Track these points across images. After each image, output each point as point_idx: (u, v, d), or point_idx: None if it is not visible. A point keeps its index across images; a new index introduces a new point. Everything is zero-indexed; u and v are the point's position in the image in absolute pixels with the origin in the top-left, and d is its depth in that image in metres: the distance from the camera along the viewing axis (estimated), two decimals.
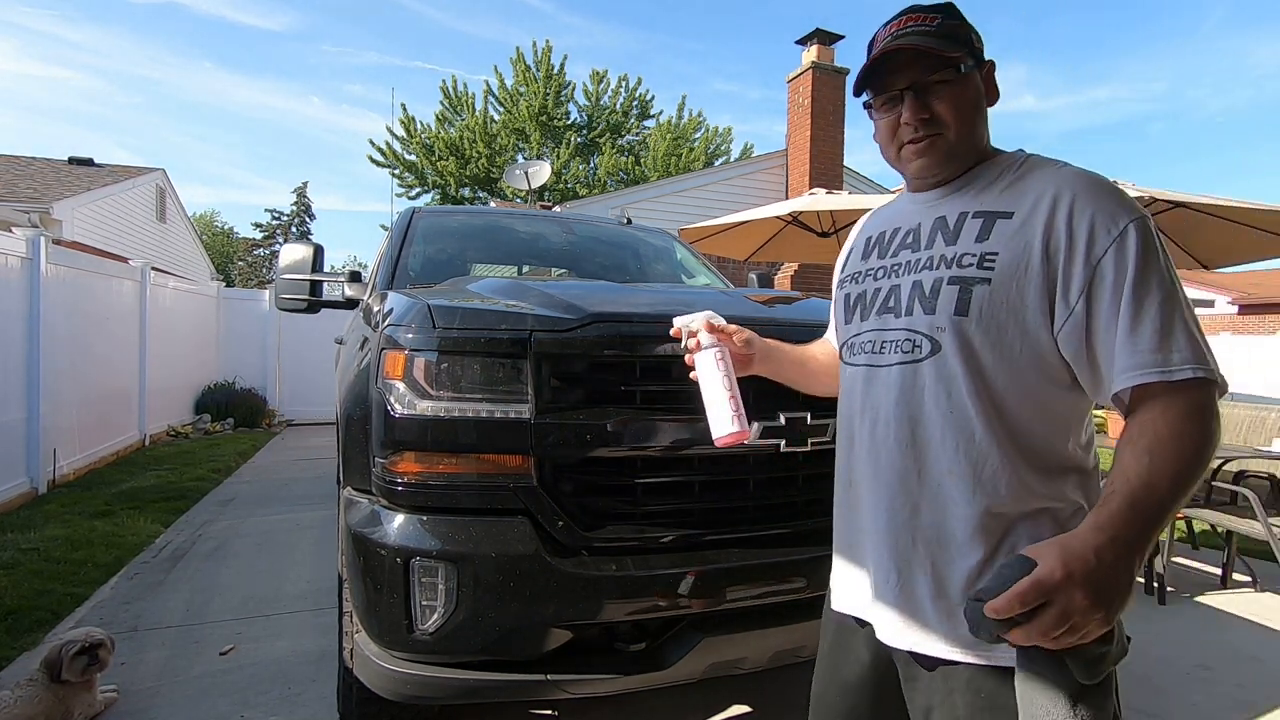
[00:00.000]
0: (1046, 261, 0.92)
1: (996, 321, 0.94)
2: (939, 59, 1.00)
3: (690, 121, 21.35)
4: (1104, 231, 0.90)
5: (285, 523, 4.81)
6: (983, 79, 1.04)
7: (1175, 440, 0.84)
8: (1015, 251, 0.94)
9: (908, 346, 1.01)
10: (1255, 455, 3.69)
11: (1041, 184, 0.96)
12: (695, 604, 1.65)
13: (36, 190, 10.73)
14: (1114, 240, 0.89)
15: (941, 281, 0.98)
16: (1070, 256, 0.91)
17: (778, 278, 9.59)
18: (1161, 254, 0.90)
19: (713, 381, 1.17)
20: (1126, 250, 0.89)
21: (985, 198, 1.01)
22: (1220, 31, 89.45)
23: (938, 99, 1.01)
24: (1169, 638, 3.08)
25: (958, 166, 1.05)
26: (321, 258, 2.98)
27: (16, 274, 5.12)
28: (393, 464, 1.62)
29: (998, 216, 0.97)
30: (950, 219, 1.02)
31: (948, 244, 1.00)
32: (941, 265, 0.99)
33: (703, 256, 3.93)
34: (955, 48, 1.00)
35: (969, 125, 1.02)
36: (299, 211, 35.35)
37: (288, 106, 73.08)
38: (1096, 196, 0.92)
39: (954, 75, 1.00)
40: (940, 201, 1.06)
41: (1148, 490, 0.82)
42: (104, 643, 2.27)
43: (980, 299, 0.94)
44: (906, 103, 1.02)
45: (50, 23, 57.61)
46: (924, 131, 1.02)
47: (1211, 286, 17.89)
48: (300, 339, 10.13)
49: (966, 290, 0.95)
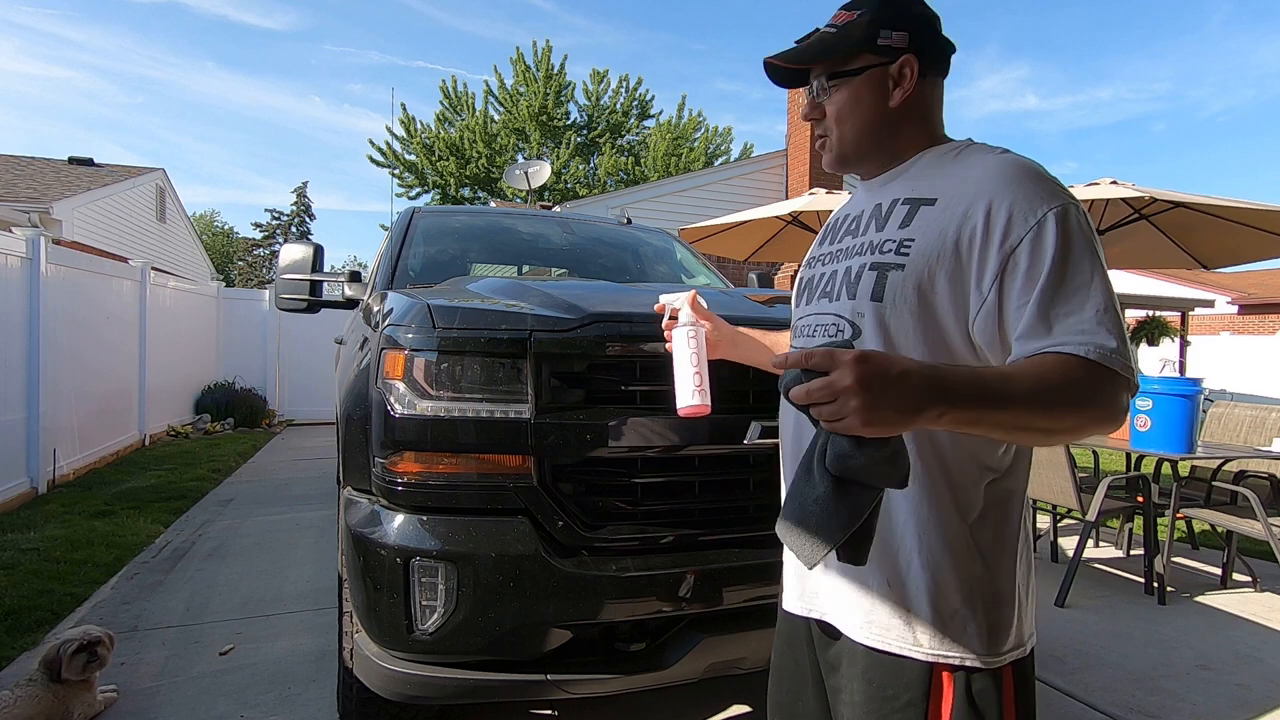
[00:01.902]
0: (959, 249, 0.91)
1: (909, 307, 0.94)
2: (832, 54, 1.03)
3: (690, 121, 21.35)
4: (1021, 220, 0.88)
5: (285, 523, 4.81)
6: (895, 73, 1.01)
7: (1058, 379, 0.82)
8: (931, 238, 0.94)
9: (833, 330, 1.03)
10: (1255, 455, 3.69)
11: (970, 171, 0.96)
12: (695, 604, 1.65)
13: (36, 190, 10.72)
14: (1030, 229, 0.88)
15: (865, 267, 0.99)
16: (985, 245, 0.90)
17: (778, 278, 9.59)
18: (1082, 244, 0.88)
19: (682, 356, 1.23)
20: (1043, 239, 0.87)
21: (917, 184, 1.01)
22: (1223, 31, 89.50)
23: (829, 103, 1.04)
24: (1169, 638, 3.08)
25: (860, 165, 1.08)
26: (321, 258, 2.98)
27: (16, 274, 5.12)
28: (393, 464, 1.62)
29: (922, 203, 0.97)
30: (884, 205, 1.03)
31: (877, 230, 1.01)
32: (868, 251, 1.00)
33: (703, 256, 3.93)
34: (847, 47, 1.01)
35: (857, 127, 1.04)
36: (299, 211, 35.35)
37: (288, 106, 73.19)
38: (1020, 184, 0.90)
39: (844, 81, 1.03)
40: (881, 188, 1.06)
41: (1001, 381, 0.81)
42: (103, 640, 2.27)
43: (895, 284, 0.94)
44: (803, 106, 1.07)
45: (51, 22, 57.74)
46: (818, 132, 1.07)
47: (1211, 286, 17.87)
48: (300, 339, 10.13)
49: (883, 275, 0.96)
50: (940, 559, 0.93)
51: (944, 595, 0.93)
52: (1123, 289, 14.40)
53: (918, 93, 1.03)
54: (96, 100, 69.25)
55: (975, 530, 0.94)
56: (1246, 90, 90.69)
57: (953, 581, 0.93)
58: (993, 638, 0.93)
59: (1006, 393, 0.80)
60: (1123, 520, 4.41)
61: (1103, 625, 3.22)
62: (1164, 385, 3.51)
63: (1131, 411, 3.62)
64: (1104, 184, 4.26)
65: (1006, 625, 0.94)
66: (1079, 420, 0.83)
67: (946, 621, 0.92)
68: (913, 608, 0.94)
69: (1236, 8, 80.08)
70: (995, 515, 0.95)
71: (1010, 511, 0.96)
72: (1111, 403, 0.84)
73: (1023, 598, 0.96)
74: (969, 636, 0.92)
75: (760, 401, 1.75)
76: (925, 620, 0.93)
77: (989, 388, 0.80)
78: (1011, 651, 0.94)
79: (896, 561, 0.95)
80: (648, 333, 1.71)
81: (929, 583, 0.93)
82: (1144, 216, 4.73)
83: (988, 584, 0.94)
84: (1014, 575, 0.95)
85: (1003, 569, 0.95)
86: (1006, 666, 0.94)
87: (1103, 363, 0.82)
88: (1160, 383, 3.53)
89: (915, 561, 0.94)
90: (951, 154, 1.01)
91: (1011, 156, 0.96)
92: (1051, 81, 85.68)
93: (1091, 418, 0.83)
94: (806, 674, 1.11)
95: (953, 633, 0.92)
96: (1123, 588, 3.75)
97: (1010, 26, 75.74)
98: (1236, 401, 4.56)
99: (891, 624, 0.95)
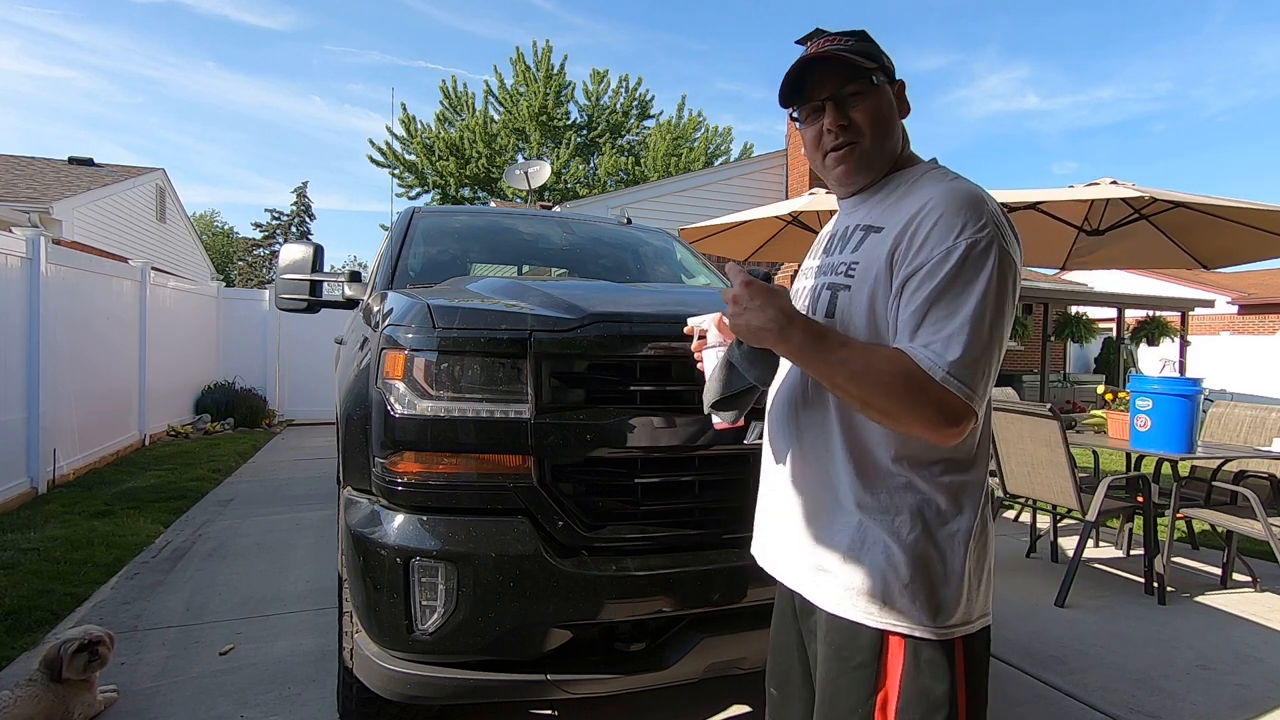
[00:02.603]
0: (891, 267, 1.02)
1: (853, 323, 1.06)
2: (854, 68, 1.09)
3: (690, 121, 21.35)
4: (936, 242, 0.98)
5: (285, 523, 4.81)
6: (895, 95, 1.14)
7: (884, 364, 0.95)
8: (869, 260, 1.06)
9: None
10: (1255, 455, 3.69)
11: (915, 200, 1.04)
12: (695, 604, 1.65)
13: (36, 190, 10.72)
14: (940, 252, 0.97)
15: (824, 287, 1.13)
16: (903, 263, 1.00)
17: (778, 278, 9.58)
18: (978, 275, 0.95)
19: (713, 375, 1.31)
20: (945, 263, 0.96)
21: (875, 212, 1.11)
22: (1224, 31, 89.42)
23: (854, 109, 1.10)
24: (1169, 638, 3.08)
25: (872, 173, 1.14)
26: (321, 258, 2.98)
27: (16, 274, 5.12)
28: (393, 464, 1.62)
29: (872, 230, 1.09)
30: (849, 229, 1.15)
31: (839, 253, 1.14)
32: (828, 273, 1.14)
33: (702, 256, 3.93)
34: (869, 62, 1.10)
35: (882, 134, 1.12)
36: (299, 211, 35.34)
37: (289, 106, 72.97)
38: (951, 212, 0.99)
39: (868, 86, 1.10)
40: (853, 211, 1.17)
41: (842, 342, 0.98)
42: (103, 639, 2.27)
43: (843, 303, 1.08)
44: (827, 111, 1.11)
45: (52, 22, 57.57)
46: (843, 138, 1.11)
47: (1211, 286, 17.87)
48: (300, 339, 10.13)
49: (835, 296, 1.09)
50: (898, 538, 1.02)
51: (896, 570, 1.01)
52: (1123, 289, 14.41)
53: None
54: (97, 100, 69.18)
55: (931, 515, 1.03)
56: (1248, 90, 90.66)
57: (905, 559, 1.01)
58: (939, 611, 1.01)
59: (843, 348, 0.97)
60: (1123, 520, 4.41)
61: (1103, 625, 3.22)
62: (1164, 385, 3.51)
63: (1132, 411, 3.63)
64: (1104, 184, 4.26)
65: (954, 602, 1.02)
66: (889, 405, 0.94)
67: (897, 594, 1.01)
68: (869, 579, 1.03)
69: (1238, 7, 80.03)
70: (951, 503, 1.04)
71: (965, 502, 1.05)
72: (927, 405, 0.93)
73: (974, 580, 1.05)
74: (917, 609, 1.01)
75: (760, 401, 1.75)
76: (878, 592, 1.02)
77: (829, 338, 0.98)
78: (959, 627, 1.03)
79: (859, 537, 1.05)
80: (648, 333, 1.71)
81: (884, 559, 1.02)
82: (1144, 216, 4.73)
83: (938, 564, 1.02)
84: (963, 558, 1.03)
85: (953, 552, 1.03)
86: (956, 640, 1.03)
87: (927, 369, 0.93)
88: (1160, 383, 3.52)
89: (873, 538, 1.03)
90: (908, 183, 1.11)
91: (956, 185, 1.04)
92: (1052, 81, 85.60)
93: (905, 411, 0.94)
94: (794, 643, 1.22)
95: (901, 605, 1.01)
96: (1123, 588, 3.75)
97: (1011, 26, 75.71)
98: (1236, 401, 4.56)
99: (849, 593, 1.05)
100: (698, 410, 1.70)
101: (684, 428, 1.69)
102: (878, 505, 1.04)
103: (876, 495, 1.04)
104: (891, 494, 1.03)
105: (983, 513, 1.07)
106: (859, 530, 1.04)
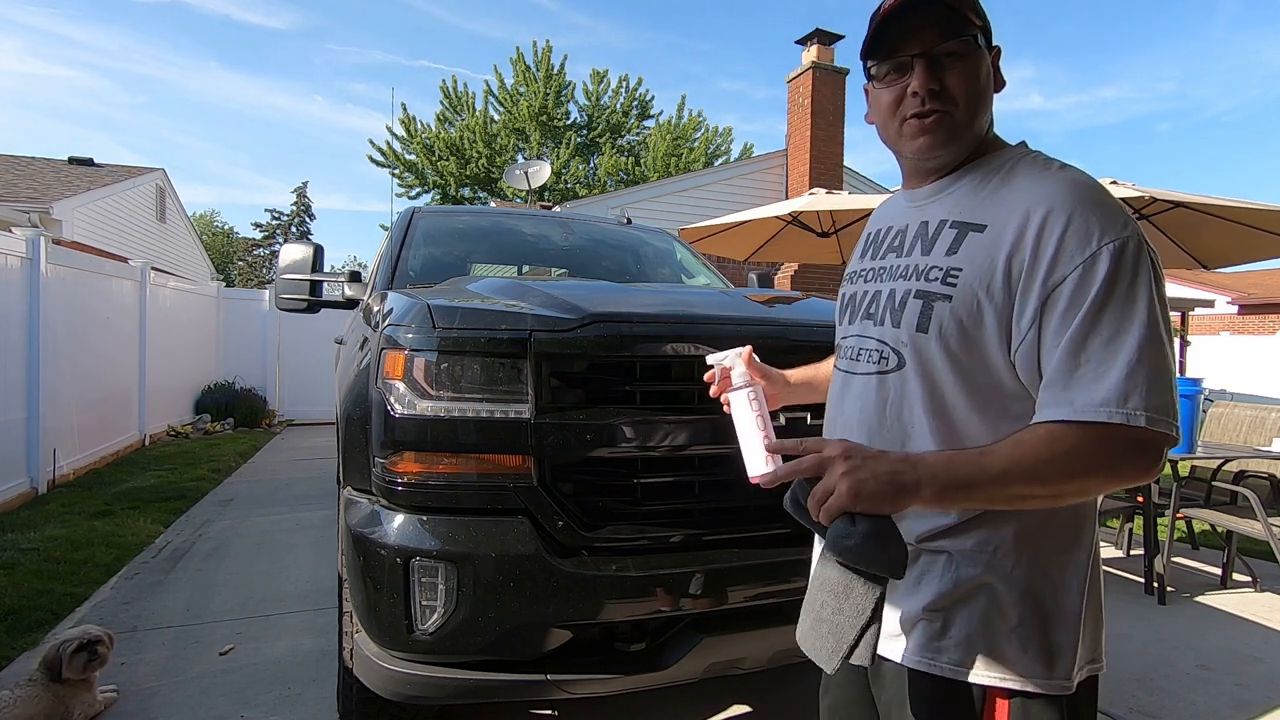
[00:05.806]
0: (1008, 282, 0.85)
1: (955, 340, 0.88)
2: (959, 20, 0.90)
3: (690, 121, 21.35)
4: (1071, 254, 0.82)
5: (285, 523, 4.81)
6: (991, 63, 0.96)
7: (1045, 450, 0.79)
8: (979, 269, 0.87)
9: (877, 357, 0.98)
10: (1255, 455, 3.69)
11: (1022, 193, 0.88)
12: (695, 604, 1.65)
13: (36, 190, 10.72)
14: (1080, 265, 0.81)
15: (910, 294, 0.93)
16: (1030, 278, 0.83)
17: (778, 278, 9.59)
18: (1135, 283, 0.81)
19: (746, 421, 1.13)
20: (1093, 276, 0.80)
21: (966, 204, 0.93)
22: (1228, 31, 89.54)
23: (950, 71, 0.91)
24: (1169, 638, 3.08)
25: (958, 151, 0.95)
26: (321, 258, 2.98)
27: (16, 274, 5.12)
28: (393, 464, 1.62)
29: (970, 228, 0.90)
30: (931, 225, 0.96)
31: (922, 253, 0.95)
32: (913, 276, 0.94)
33: (702, 256, 3.93)
34: (976, 19, 0.92)
35: (977, 107, 0.93)
36: (299, 211, 35.34)
37: (290, 106, 73.03)
38: (1075, 211, 0.83)
39: (970, 47, 0.91)
40: (928, 204, 0.99)
41: (971, 463, 0.80)
42: (102, 639, 2.27)
43: (941, 316, 0.89)
44: (916, 71, 0.91)
45: (53, 21, 57.61)
46: (931, 105, 0.91)
47: (1211, 286, 17.87)
48: (300, 339, 10.12)
49: (929, 306, 0.90)
50: (999, 570, 0.86)
51: (1001, 610, 0.85)
52: None
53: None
54: (98, 100, 69.19)
55: (1040, 541, 0.88)
56: (1251, 89, 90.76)
57: (1011, 596, 0.85)
58: (1055, 660, 0.85)
59: (982, 469, 0.79)
60: (1123, 520, 4.41)
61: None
62: None
63: None
64: (1104, 184, 4.26)
65: (1070, 647, 0.86)
66: (1085, 483, 0.80)
67: (1002, 641, 0.85)
68: (964, 624, 0.86)
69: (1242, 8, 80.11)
70: (1065, 531, 0.89)
71: (1083, 530, 0.90)
72: (1122, 458, 0.79)
73: (1090, 618, 0.90)
74: (1028, 659, 0.85)
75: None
76: (977, 638, 0.85)
77: (957, 470, 0.80)
78: (1076, 674, 0.87)
79: (947, 573, 0.88)
80: (648, 333, 1.71)
81: (984, 597, 0.86)
82: (1144, 216, 4.73)
83: (1050, 602, 0.86)
84: (1081, 593, 0.88)
85: (1068, 587, 0.88)
86: (1070, 693, 0.87)
87: (1114, 422, 0.78)
88: None
89: (966, 572, 0.86)
90: (1001, 172, 0.93)
91: (1068, 175, 0.89)
92: (1056, 81, 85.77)
93: (1101, 478, 0.80)
94: (856, 699, 1.05)
95: (1009, 654, 0.85)
96: (1123, 588, 3.75)
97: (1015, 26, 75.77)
98: (1236, 401, 4.56)
99: (935, 640, 0.88)
100: (698, 410, 1.71)
101: (684, 428, 1.69)
102: (960, 549, 0.89)
103: (953, 538, 0.89)
104: (999, 523, 0.88)
105: (1095, 544, 0.92)
106: (949, 565, 0.89)
